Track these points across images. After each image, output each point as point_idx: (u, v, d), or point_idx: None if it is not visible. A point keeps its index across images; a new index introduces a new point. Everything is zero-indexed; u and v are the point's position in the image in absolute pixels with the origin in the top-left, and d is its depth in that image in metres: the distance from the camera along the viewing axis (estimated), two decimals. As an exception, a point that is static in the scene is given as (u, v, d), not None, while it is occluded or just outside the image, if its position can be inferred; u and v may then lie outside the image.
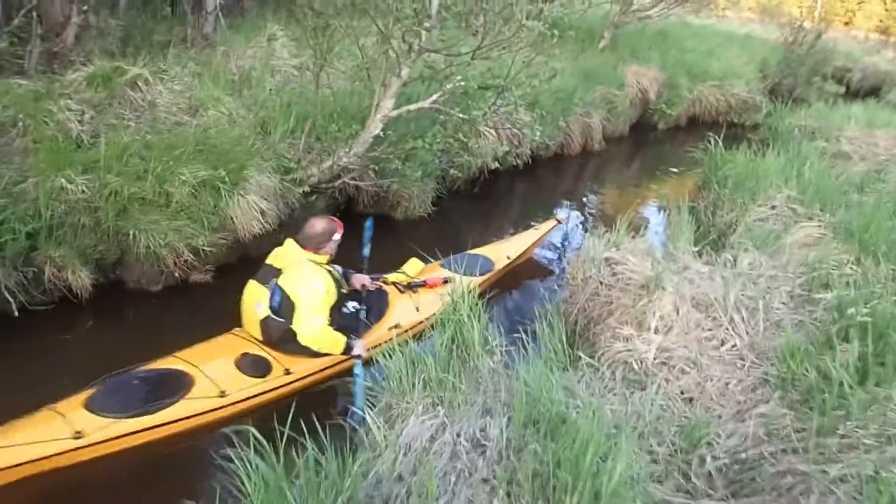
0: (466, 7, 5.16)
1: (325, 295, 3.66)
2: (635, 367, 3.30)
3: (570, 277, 4.19)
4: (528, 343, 3.42)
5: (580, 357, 3.40)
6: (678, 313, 3.58)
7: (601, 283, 3.92)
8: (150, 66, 5.67)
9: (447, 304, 3.49)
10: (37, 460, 2.88)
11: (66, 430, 2.97)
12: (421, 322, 4.20)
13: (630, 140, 10.65)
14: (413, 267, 4.64)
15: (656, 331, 3.51)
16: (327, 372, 3.77)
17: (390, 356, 3.09)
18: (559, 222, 5.72)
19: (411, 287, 4.42)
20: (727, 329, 3.54)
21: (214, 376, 3.40)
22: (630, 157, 10.43)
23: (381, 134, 5.40)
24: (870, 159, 7.01)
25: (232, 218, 4.79)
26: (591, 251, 4.15)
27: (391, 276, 4.49)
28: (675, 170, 9.37)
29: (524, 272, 5.36)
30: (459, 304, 3.36)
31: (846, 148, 7.37)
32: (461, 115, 5.25)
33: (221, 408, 3.34)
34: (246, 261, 5.04)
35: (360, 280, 4.22)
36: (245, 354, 3.63)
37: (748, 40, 16.51)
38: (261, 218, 4.95)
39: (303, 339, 3.61)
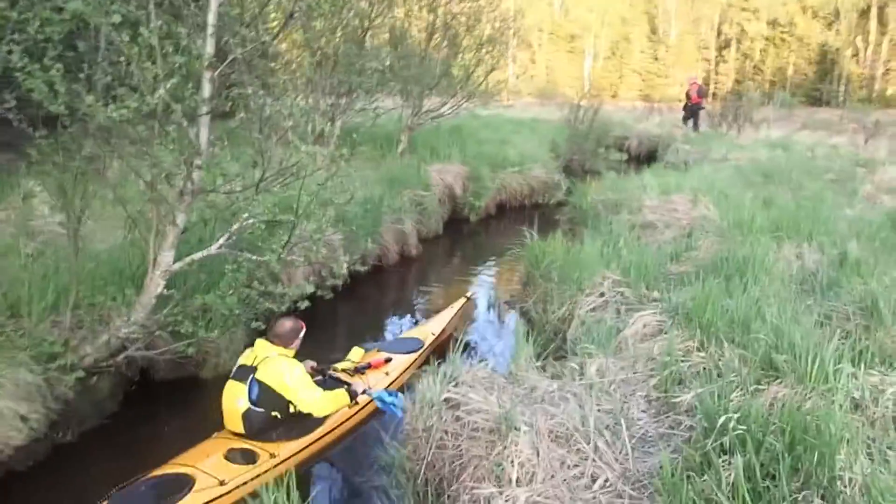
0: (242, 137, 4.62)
1: (306, 376, 4.16)
2: (505, 538, 2.73)
3: (411, 428, 3.59)
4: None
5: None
6: (538, 455, 3.08)
7: (446, 432, 3.36)
8: None
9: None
10: None
11: None
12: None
13: (446, 237, 10.49)
14: (356, 354, 5.27)
15: (518, 482, 2.99)
16: (310, 449, 4.19)
17: None
18: (468, 299, 6.52)
19: (359, 370, 4.97)
20: (594, 461, 3.10)
21: (211, 470, 3.69)
22: (449, 255, 10.23)
23: (165, 292, 4.59)
24: (674, 225, 7.20)
25: (-22, 437, 3.74)
26: (427, 393, 3.60)
27: (340, 365, 5.03)
28: (493, 261, 9.28)
29: (362, 422, 4.69)
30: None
31: (650, 217, 7.56)
32: (253, 258, 4.61)
33: (225, 494, 3.60)
34: (15, 479, 3.94)
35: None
36: (231, 449, 3.94)
37: (535, 124, 17.50)
38: (22, 425, 3.93)
39: (316, 412, 4.11)
